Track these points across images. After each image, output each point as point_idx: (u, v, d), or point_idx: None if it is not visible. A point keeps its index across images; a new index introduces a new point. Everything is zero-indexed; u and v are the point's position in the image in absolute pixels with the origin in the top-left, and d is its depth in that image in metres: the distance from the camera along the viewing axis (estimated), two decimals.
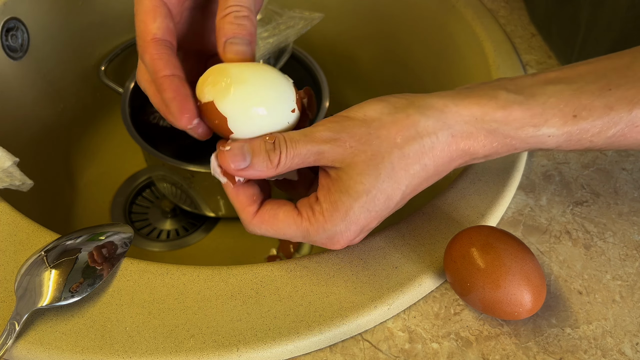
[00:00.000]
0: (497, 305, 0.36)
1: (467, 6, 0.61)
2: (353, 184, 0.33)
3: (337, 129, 0.34)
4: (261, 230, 0.36)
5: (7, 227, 0.42)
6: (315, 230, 0.34)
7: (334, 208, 0.33)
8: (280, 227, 0.35)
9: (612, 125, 0.33)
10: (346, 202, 0.33)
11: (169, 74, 0.35)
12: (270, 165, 0.34)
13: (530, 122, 0.33)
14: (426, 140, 0.33)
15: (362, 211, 0.33)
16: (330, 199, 0.34)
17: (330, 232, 0.34)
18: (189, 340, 0.36)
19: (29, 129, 0.63)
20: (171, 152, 0.58)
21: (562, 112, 0.33)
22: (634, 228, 0.44)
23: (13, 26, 0.60)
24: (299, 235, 0.35)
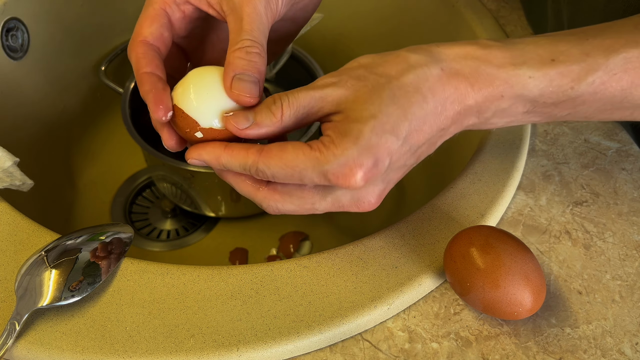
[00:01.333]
0: (496, 305, 0.36)
1: (467, 6, 0.61)
2: (359, 112, 0.33)
3: (336, 74, 0.34)
4: (270, 168, 0.33)
5: (8, 227, 0.42)
6: (325, 158, 0.32)
7: (343, 134, 0.32)
8: (290, 159, 0.32)
9: (590, 71, 0.34)
10: (355, 127, 0.32)
11: (149, 71, 0.36)
12: (274, 117, 0.33)
13: (510, 61, 0.34)
14: (419, 71, 0.34)
15: (371, 135, 0.32)
16: (339, 129, 0.33)
17: (342, 159, 0.32)
18: (189, 340, 0.36)
19: (29, 129, 0.64)
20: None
21: (540, 56, 0.34)
22: (633, 228, 0.44)
23: (13, 26, 0.60)
24: (309, 165, 0.32)
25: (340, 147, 0.32)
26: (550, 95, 0.35)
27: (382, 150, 0.33)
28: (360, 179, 0.32)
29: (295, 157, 0.32)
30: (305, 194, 0.34)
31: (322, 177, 0.32)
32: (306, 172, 0.32)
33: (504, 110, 0.35)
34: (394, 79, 0.34)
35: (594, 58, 0.34)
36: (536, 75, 0.34)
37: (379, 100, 0.33)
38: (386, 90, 0.33)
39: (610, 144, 0.50)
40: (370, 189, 0.34)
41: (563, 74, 0.34)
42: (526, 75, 0.34)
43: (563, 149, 0.49)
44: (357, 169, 0.32)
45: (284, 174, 0.33)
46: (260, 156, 0.33)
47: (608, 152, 0.49)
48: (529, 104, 0.35)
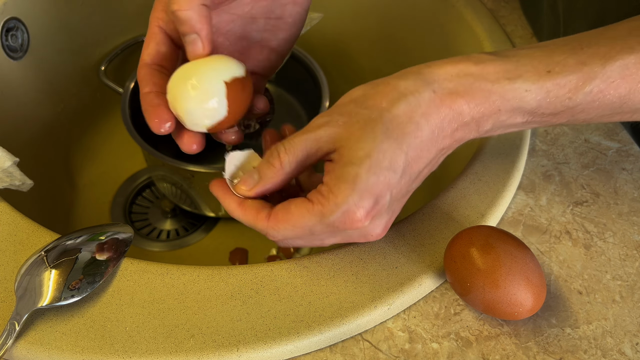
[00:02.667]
0: (497, 305, 0.36)
1: (467, 6, 0.61)
2: (353, 153, 0.33)
3: (328, 113, 0.35)
4: (280, 232, 0.35)
5: (7, 227, 0.42)
6: (328, 210, 0.33)
7: (340, 180, 0.33)
8: (296, 220, 0.34)
9: (587, 80, 0.33)
10: (351, 171, 0.33)
11: (147, 91, 0.38)
12: (274, 168, 0.35)
13: (504, 75, 0.34)
14: (410, 98, 0.34)
15: (369, 176, 0.33)
16: (336, 175, 0.33)
17: (344, 207, 0.33)
18: (189, 340, 0.36)
19: (29, 129, 0.63)
20: (171, 152, 0.58)
21: (536, 69, 0.34)
22: (634, 228, 0.44)
23: (13, 26, 0.60)
24: (315, 221, 0.34)
25: (340, 196, 0.33)
26: (547, 106, 0.34)
27: (382, 188, 0.33)
28: (364, 219, 0.33)
29: (300, 217, 0.34)
30: (314, 236, 0.35)
31: (330, 227, 0.34)
32: (315, 228, 0.34)
33: (502, 122, 0.35)
34: (385, 111, 0.33)
35: (590, 67, 0.33)
36: (532, 88, 0.34)
37: (372, 136, 0.33)
38: (379, 125, 0.33)
39: (611, 144, 0.50)
40: (377, 222, 0.35)
41: (560, 85, 0.34)
42: (522, 89, 0.34)
43: (563, 149, 0.49)
44: (360, 213, 0.33)
45: (294, 233, 0.35)
46: (269, 222, 0.35)
47: (608, 152, 0.49)
48: (528, 115, 0.35)
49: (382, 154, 0.33)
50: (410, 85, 0.34)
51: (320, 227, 0.34)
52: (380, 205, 0.34)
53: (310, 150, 0.35)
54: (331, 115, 0.34)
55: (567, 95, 0.34)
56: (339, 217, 0.33)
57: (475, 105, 0.34)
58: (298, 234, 0.35)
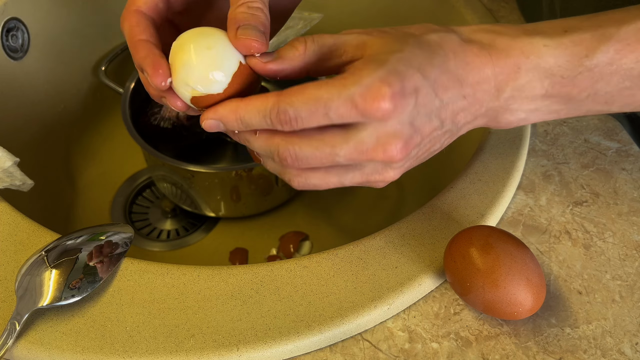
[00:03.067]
0: (496, 305, 0.36)
1: (467, 6, 0.61)
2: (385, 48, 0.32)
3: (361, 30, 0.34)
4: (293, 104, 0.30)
5: (8, 227, 0.42)
6: (350, 81, 0.30)
7: (368, 61, 0.31)
8: (312, 92, 0.30)
9: (602, 39, 0.34)
10: (381, 56, 0.31)
11: (144, 38, 0.35)
12: (296, 50, 0.33)
13: (523, 32, 0.35)
14: (441, 34, 0.34)
15: (398, 63, 0.30)
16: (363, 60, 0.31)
17: (368, 80, 0.30)
18: (189, 340, 0.36)
19: (30, 129, 0.64)
20: (171, 152, 0.58)
21: (553, 28, 0.35)
22: (633, 228, 0.44)
23: (13, 26, 0.60)
24: (333, 93, 0.30)
25: (366, 70, 0.30)
26: (565, 65, 0.35)
27: (409, 82, 0.31)
28: (389, 100, 0.30)
29: (318, 89, 0.30)
30: (325, 135, 0.31)
31: (349, 104, 0.30)
32: (331, 102, 0.30)
33: (521, 89, 0.35)
34: (419, 35, 0.34)
35: (605, 28, 0.34)
36: (550, 44, 0.35)
37: (404, 42, 0.32)
38: (412, 39, 0.33)
39: (610, 144, 0.50)
40: (398, 127, 0.31)
41: (576, 42, 0.34)
42: (540, 44, 0.35)
43: (563, 149, 0.49)
44: (385, 88, 0.30)
45: (308, 109, 0.30)
46: (280, 96, 0.31)
47: (608, 152, 0.49)
48: (547, 81, 0.35)
49: (414, 56, 0.31)
50: (442, 29, 0.35)
51: (338, 103, 0.30)
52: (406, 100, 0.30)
53: (337, 48, 0.33)
54: (365, 30, 0.34)
55: (584, 53, 0.34)
56: (362, 90, 0.30)
57: (497, 59, 0.34)
58: (312, 110, 0.30)
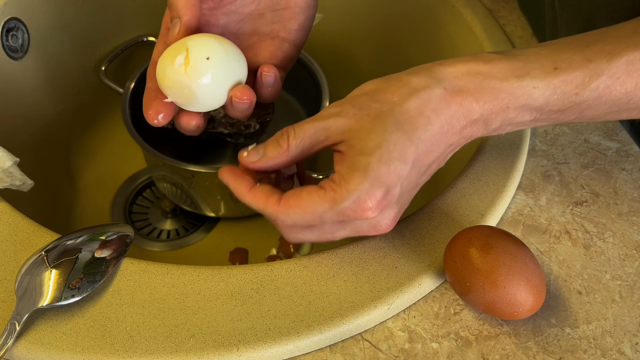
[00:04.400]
0: (496, 305, 0.36)
1: (467, 6, 0.61)
2: (365, 144, 0.34)
3: (339, 104, 0.36)
4: (290, 217, 0.34)
5: (8, 227, 0.42)
6: (340, 196, 0.33)
7: (352, 169, 0.33)
8: (307, 205, 0.34)
9: (593, 76, 0.34)
10: (362, 160, 0.33)
11: (149, 86, 0.41)
12: (281, 149, 0.35)
13: (513, 73, 0.35)
14: (421, 94, 0.34)
15: (380, 165, 0.33)
16: (347, 164, 0.34)
17: (356, 195, 0.33)
18: (189, 340, 0.36)
19: (30, 129, 0.64)
20: (171, 152, 0.58)
21: (543, 66, 0.35)
22: (633, 228, 0.44)
23: (13, 26, 0.60)
24: (326, 207, 0.33)
25: (352, 183, 0.33)
26: (555, 102, 0.35)
27: (393, 178, 0.33)
28: (375, 209, 0.33)
29: (312, 203, 0.34)
30: (325, 227, 0.35)
31: (341, 215, 0.34)
32: (325, 215, 0.34)
33: (511, 120, 0.36)
34: (396, 105, 0.34)
35: (596, 63, 0.34)
36: (540, 85, 0.34)
37: (382, 128, 0.34)
38: (389, 118, 0.34)
39: (610, 144, 0.50)
40: (386, 213, 0.35)
41: (566, 81, 0.34)
42: (530, 86, 0.34)
43: (563, 149, 0.49)
44: (371, 202, 0.33)
45: (304, 220, 0.34)
46: (279, 207, 0.34)
47: (608, 152, 0.49)
48: (536, 112, 0.36)
49: (393, 145, 0.33)
50: (422, 82, 0.35)
51: (330, 215, 0.34)
52: (391, 196, 0.34)
53: (318, 138, 0.35)
54: (342, 106, 0.35)
55: (574, 91, 0.34)
56: (350, 205, 0.33)
57: (484, 103, 0.35)
58: (308, 221, 0.34)
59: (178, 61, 0.37)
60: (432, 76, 0.35)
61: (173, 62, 0.37)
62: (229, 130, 0.62)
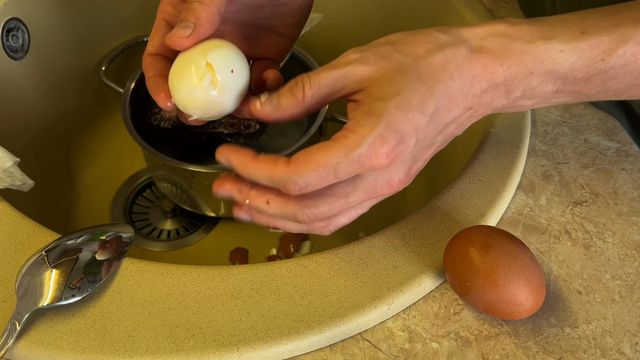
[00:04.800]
0: (496, 305, 0.36)
1: (467, 6, 0.62)
2: (383, 91, 0.32)
3: (360, 50, 0.34)
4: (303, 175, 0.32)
5: (8, 227, 0.42)
6: (355, 142, 0.31)
7: (368, 113, 0.32)
8: (320, 158, 0.32)
9: (620, 42, 0.34)
10: (379, 105, 0.32)
11: (151, 75, 0.39)
12: (295, 99, 0.34)
13: (540, 35, 0.34)
14: (447, 50, 0.34)
15: (397, 111, 0.32)
16: (363, 110, 0.33)
17: (371, 139, 0.31)
18: (190, 339, 0.36)
19: (30, 129, 0.64)
20: (171, 152, 0.58)
21: (570, 30, 0.34)
22: (633, 228, 0.44)
23: (14, 26, 0.60)
24: (340, 156, 0.31)
25: (366, 127, 0.32)
26: (581, 69, 0.34)
27: (409, 127, 0.32)
28: (388, 156, 0.32)
29: (324, 155, 0.32)
30: (335, 190, 0.33)
31: (357, 164, 0.32)
32: (340, 165, 0.32)
33: (533, 89, 0.35)
34: (421, 58, 0.33)
35: (623, 29, 0.34)
36: (567, 49, 0.34)
37: (403, 78, 0.33)
38: (412, 69, 0.33)
39: (610, 144, 0.50)
40: (400, 166, 0.33)
41: (593, 45, 0.34)
42: (557, 49, 0.34)
43: (563, 149, 0.49)
44: (385, 148, 0.32)
45: (318, 176, 0.32)
46: (289, 167, 0.32)
47: (608, 152, 0.49)
48: (559, 81, 0.35)
49: (413, 94, 0.32)
50: (450, 39, 0.34)
51: (345, 165, 0.32)
52: (406, 145, 0.32)
53: (335, 87, 0.34)
54: (363, 53, 0.34)
55: (600, 57, 0.34)
56: (365, 150, 0.31)
57: (508, 66, 0.34)
58: (323, 176, 0.32)
59: (206, 80, 0.35)
60: (460, 35, 0.35)
61: (201, 82, 0.35)
62: (229, 130, 0.62)
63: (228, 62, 0.36)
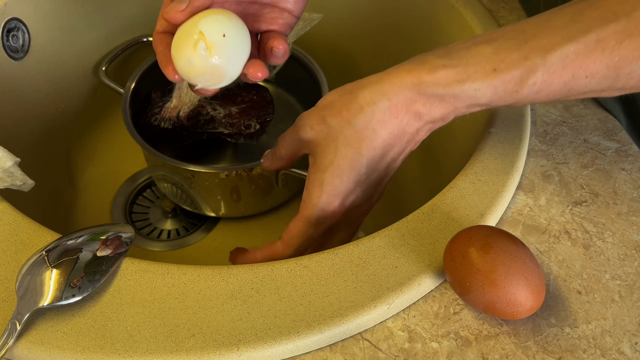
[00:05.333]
0: (496, 304, 0.36)
1: (467, 6, 0.62)
2: (320, 161, 0.41)
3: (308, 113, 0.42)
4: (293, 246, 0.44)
5: (8, 227, 0.42)
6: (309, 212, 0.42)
7: (312, 185, 0.41)
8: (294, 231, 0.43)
9: (530, 73, 0.36)
10: (318, 176, 0.41)
11: (161, 49, 0.43)
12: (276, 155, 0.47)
13: (455, 79, 0.37)
14: (367, 110, 0.39)
15: (333, 178, 0.40)
16: (310, 181, 0.42)
17: (320, 206, 0.41)
18: (190, 339, 0.36)
19: (30, 129, 0.64)
20: (172, 152, 0.58)
21: (483, 68, 0.37)
22: (632, 228, 0.44)
23: (14, 27, 0.60)
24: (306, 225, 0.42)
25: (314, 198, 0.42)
26: (499, 100, 0.37)
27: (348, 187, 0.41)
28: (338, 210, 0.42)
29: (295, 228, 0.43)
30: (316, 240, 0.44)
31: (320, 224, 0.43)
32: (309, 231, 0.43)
33: (463, 113, 0.39)
34: (345, 122, 0.39)
35: (532, 60, 0.35)
36: (481, 87, 0.37)
37: (334, 146, 0.40)
38: (340, 136, 0.40)
39: (610, 144, 0.50)
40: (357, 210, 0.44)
41: (505, 81, 0.36)
42: (472, 89, 0.37)
43: (562, 149, 0.49)
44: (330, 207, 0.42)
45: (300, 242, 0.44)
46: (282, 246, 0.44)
47: (607, 152, 0.49)
48: (484, 106, 0.38)
49: (342, 159, 0.40)
50: (367, 97, 0.39)
51: (313, 229, 0.42)
52: (352, 199, 0.42)
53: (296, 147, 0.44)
54: (309, 117, 0.42)
55: (513, 89, 0.36)
56: (320, 214, 0.42)
57: (432, 108, 0.38)
58: (303, 241, 0.43)
59: (200, 47, 0.37)
60: (378, 90, 0.39)
61: (195, 49, 0.37)
62: (229, 130, 0.62)
63: (219, 27, 0.38)
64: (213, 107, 0.63)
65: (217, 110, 0.63)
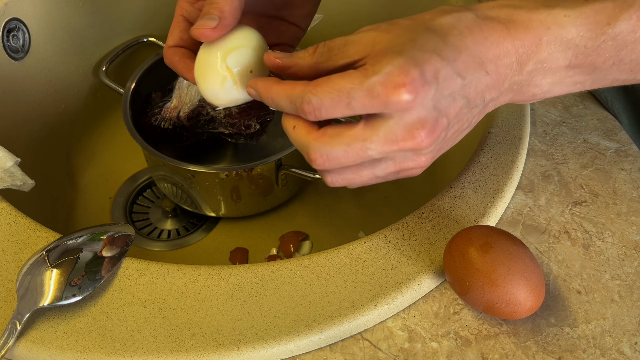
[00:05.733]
0: (496, 304, 0.36)
1: None
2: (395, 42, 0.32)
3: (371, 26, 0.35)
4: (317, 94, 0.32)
5: (9, 227, 0.42)
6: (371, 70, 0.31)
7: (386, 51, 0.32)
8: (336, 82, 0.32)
9: (625, 7, 0.34)
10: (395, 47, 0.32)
11: (177, 59, 0.42)
12: (307, 52, 0.35)
13: (543, 4, 0.34)
14: (454, 14, 0.34)
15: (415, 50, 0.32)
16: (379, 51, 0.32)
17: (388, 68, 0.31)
18: (190, 339, 0.36)
19: (30, 129, 0.64)
20: (172, 152, 0.58)
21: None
22: (632, 228, 0.44)
23: (14, 27, 0.60)
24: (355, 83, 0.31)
25: (385, 59, 0.31)
26: (588, 35, 0.34)
27: (427, 64, 0.31)
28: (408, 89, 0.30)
29: (341, 79, 0.31)
30: (355, 131, 0.32)
31: (371, 94, 0.31)
32: (354, 92, 0.31)
33: (544, 62, 0.35)
34: (428, 20, 0.34)
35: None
36: (571, 14, 0.34)
37: (415, 32, 0.33)
38: (421, 26, 0.33)
39: (610, 144, 0.50)
40: (423, 113, 0.32)
41: (598, 10, 0.34)
42: (561, 14, 0.34)
43: (562, 149, 0.49)
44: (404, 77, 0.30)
45: (330, 98, 0.32)
46: (307, 85, 0.33)
47: (607, 152, 0.49)
48: (569, 52, 0.34)
49: (427, 40, 0.32)
50: (454, 8, 0.35)
51: (359, 93, 0.31)
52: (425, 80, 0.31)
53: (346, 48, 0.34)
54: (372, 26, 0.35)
55: (606, 21, 0.34)
56: (381, 78, 0.31)
57: (516, 33, 0.34)
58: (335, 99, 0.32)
59: (228, 84, 0.38)
60: (464, 8, 0.35)
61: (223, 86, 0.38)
62: (229, 130, 0.62)
63: (247, 64, 0.38)
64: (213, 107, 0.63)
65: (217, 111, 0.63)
